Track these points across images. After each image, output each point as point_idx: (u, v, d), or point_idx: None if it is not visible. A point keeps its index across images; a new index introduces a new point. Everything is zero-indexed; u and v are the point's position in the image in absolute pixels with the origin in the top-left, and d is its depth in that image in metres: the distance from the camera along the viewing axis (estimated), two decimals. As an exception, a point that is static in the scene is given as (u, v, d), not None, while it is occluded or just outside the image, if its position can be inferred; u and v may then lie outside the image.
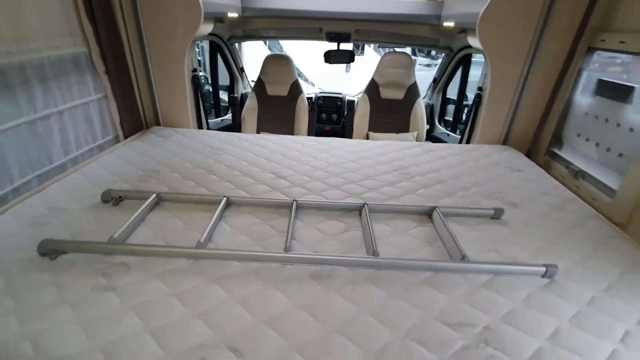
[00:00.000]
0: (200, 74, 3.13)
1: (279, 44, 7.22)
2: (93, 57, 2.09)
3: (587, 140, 1.99)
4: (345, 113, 3.73)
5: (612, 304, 1.08)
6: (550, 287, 1.13)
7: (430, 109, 3.95)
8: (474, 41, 2.54)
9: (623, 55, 1.85)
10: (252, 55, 5.30)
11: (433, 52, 10.98)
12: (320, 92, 4.00)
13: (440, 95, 3.95)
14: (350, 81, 7.35)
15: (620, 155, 1.74)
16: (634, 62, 1.77)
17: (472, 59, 3.50)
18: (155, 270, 1.14)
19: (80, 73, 2.03)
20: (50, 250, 1.17)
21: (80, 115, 2.04)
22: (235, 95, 3.93)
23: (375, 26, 3.44)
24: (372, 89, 3.51)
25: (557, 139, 2.24)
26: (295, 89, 3.52)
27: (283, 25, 3.47)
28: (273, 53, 3.84)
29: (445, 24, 2.88)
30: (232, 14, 2.89)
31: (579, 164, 1.99)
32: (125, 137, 2.37)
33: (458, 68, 3.64)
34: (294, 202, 1.51)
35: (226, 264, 1.17)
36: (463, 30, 3.00)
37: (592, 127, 1.97)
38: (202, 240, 1.24)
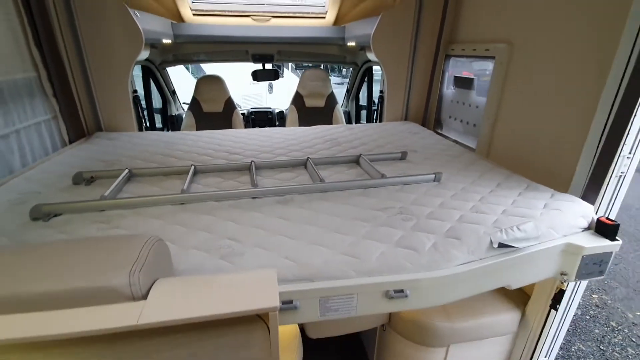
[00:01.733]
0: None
1: (201, 68, 7.49)
2: (42, 81, 2.25)
3: (455, 119, 2.81)
4: (277, 123, 4.25)
5: (474, 189, 1.73)
6: (438, 185, 1.76)
7: (347, 114, 4.70)
8: (371, 55, 3.29)
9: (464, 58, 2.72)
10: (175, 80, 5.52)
11: (344, 72, 12.38)
12: (252, 108, 4.47)
13: (354, 102, 4.73)
14: (269, 101, 7.93)
15: (474, 125, 2.55)
16: (468, 61, 2.64)
17: (373, 73, 4.35)
18: (148, 213, 1.39)
19: (32, 96, 2.17)
20: (42, 214, 1.30)
21: (35, 133, 2.17)
22: (173, 114, 4.16)
23: (294, 47, 4.07)
24: (298, 99, 4.10)
25: (438, 121, 3.06)
26: (230, 105, 3.93)
27: (213, 49, 3.88)
28: (205, 75, 4.20)
29: (349, 43, 3.63)
30: (167, 40, 3.22)
31: (453, 136, 2.79)
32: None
33: (364, 79, 4.46)
34: (252, 162, 1.91)
35: (208, 204, 1.49)
36: (362, 48, 3.79)
37: (456, 109, 2.79)
38: (184, 187, 1.56)
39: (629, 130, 1.42)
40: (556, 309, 1.65)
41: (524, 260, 1.36)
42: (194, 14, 3.49)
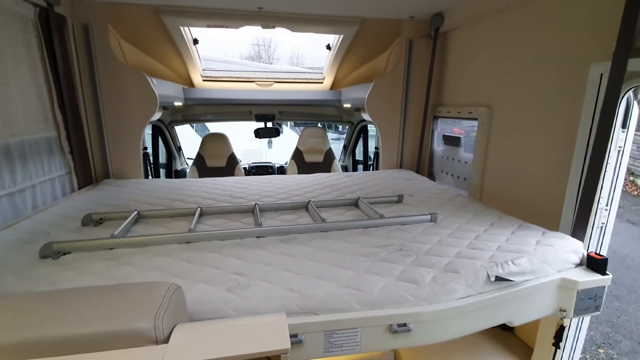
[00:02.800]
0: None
1: (205, 126, 7.89)
2: (61, 139, 2.43)
3: (446, 173, 2.98)
4: (277, 177, 4.42)
5: (469, 228, 1.80)
6: (435, 225, 1.83)
7: (345, 168, 4.91)
8: (365, 116, 3.57)
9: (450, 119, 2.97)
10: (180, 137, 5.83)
11: (340, 128, 13.04)
12: (253, 163, 4.67)
13: (351, 157, 4.98)
14: (268, 157, 8.24)
15: (464, 179, 2.71)
16: (452, 122, 2.89)
17: (368, 129, 4.65)
18: (156, 252, 1.44)
19: (50, 153, 2.33)
20: (52, 252, 1.35)
21: (49, 187, 2.28)
22: (178, 169, 4.33)
23: (294, 108, 4.39)
24: (298, 155, 4.32)
25: (431, 174, 3.23)
26: (232, 160, 4.13)
27: (219, 110, 4.19)
28: (210, 133, 4.47)
29: (345, 105, 3.95)
30: (178, 103, 3.50)
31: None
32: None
33: (360, 136, 4.75)
34: (256, 204, 2.00)
35: (213, 242, 1.55)
36: (358, 109, 4.11)
37: (446, 164, 2.98)
38: (191, 227, 1.63)
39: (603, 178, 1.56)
40: (559, 347, 1.64)
41: (522, 295, 1.39)
42: (203, 80, 3.84)
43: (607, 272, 1.47)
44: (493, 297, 1.32)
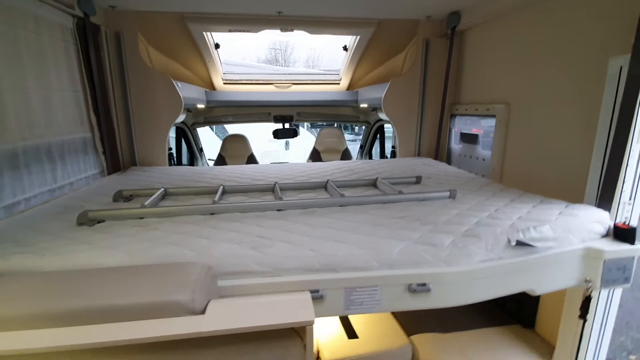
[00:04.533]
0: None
1: (224, 129, 8.11)
2: (95, 140, 2.59)
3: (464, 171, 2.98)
4: (295, 177, 4.51)
5: (489, 203, 1.79)
6: (454, 201, 1.84)
7: (361, 169, 4.95)
8: (382, 115, 3.61)
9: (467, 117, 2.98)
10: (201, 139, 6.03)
11: (356, 129, 13.09)
12: (271, 162, 4.79)
13: (367, 157, 5.01)
14: (286, 157, 8.38)
15: (482, 176, 2.71)
16: (470, 120, 2.89)
17: (385, 130, 4.68)
18: (182, 221, 1.53)
19: (85, 153, 2.49)
20: (88, 219, 1.45)
21: (83, 186, 2.44)
22: (199, 170, 4.50)
23: (312, 109, 4.48)
24: (315, 155, 4.40)
25: (448, 174, 3.23)
26: (252, 160, 4.25)
27: (239, 112, 4.32)
28: (231, 134, 4.61)
29: (362, 105, 4.00)
30: (201, 105, 3.65)
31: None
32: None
33: (376, 136, 4.78)
34: (276, 183, 2.07)
35: (236, 215, 1.62)
36: (375, 109, 4.15)
37: (464, 162, 2.98)
38: (215, 199, 1.71)
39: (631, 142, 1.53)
40: (585, 319, 1.61)
41: (545, 263, 1.39)
42: (224, 83, 3.98)
43: (636, 242, 1.44)
44: (514, 262, 1.33)
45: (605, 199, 1.60)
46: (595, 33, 1.74)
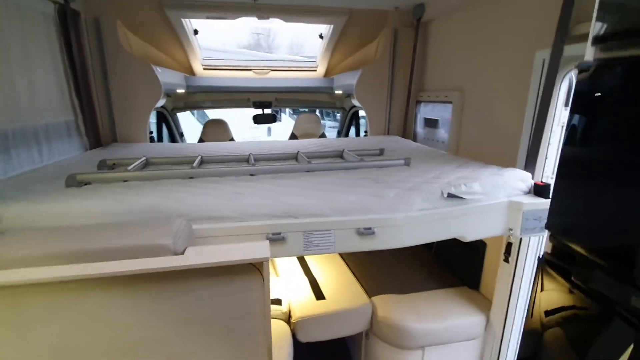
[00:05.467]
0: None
1: (204, 114, 8.15)
2: (78, 123, 2.72)
3: (428, 153, 3.26)
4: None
5: (437, 168, 2.02)
6: (408, 167, 2.06)
7: (338, 153, 5.19)
8: (355, 101, 3.83)
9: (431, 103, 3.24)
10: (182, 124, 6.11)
11: (337, 117, 13.31)
12: (251, 145, 4.95)
13: (344, 142, 5.25)
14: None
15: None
16: (433, 105, 3.15)
17: (360, 116, 4.91)
18: (164, 183, 1.70)
19: (70, 135, 2.62)
20: (76, 182, 1.60)
21: (69, 166, 2.58)
22: (179, 154, 4.63)
23: (290, 95, 4.65)
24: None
25: (414, 156, 3.51)
26: (232, 144, 4.41)
27: (219, 97, 4.44)
28: (211, 119, 4.73)
29: (337, 92, 4.20)
30: (180, 90, 3.77)
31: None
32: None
33: (352, 121, 5.01)
34: (250, 154, 2.28)
35: (213, 179, 1.78)
36: (349, 95, 4.36)
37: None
38: (194, 166, 1.90)
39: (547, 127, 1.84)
40: (507, 261, 1.93)
41: (474, 213, 1.67)
42: (204, 69, 4.09)
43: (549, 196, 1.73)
44: (446, 210, 1.60)
45: (530, 163, 1.90)
46: (526, 28, 2.00)
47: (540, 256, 1.97)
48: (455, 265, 2.68)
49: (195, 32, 3.63)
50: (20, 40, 2.12)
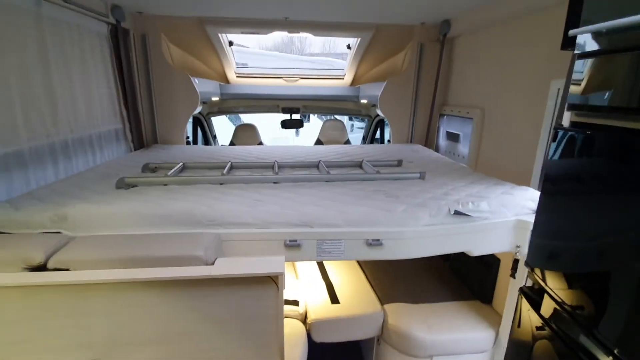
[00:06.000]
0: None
1: (238, 117, 8.51)
2: (126, 131, 3.03)
3: (448, 166, 3.31)
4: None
5: (451, 184, 2.10)
6: (423, 181, 2.16)
7: (362, 159, 5.30)
8: (379, 112, 3.93)
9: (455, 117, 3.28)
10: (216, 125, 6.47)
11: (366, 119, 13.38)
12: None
13: (369, 148, 5.35)
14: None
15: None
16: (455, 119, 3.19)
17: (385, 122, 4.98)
18: (197, 187, 1.94)
19: (117, 141, 2.94)
20: (124, 184, 1.88)
21: (117, 169, 2.90)
22: (212, 156, 4.95)
23: (317, 102, 4.81)
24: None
25: (435, 168, 3.56)
26: (260, 148, 4.65)
27: (250, 103, 4.70)
28: (242, 123, 5.01)
29: (362, 101, 4.31)
30: (215, 98, 4.05)
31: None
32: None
33: (377, 128, 5.10)
34: (275, 162, 2.48)
35: (240, 185, 2.00)
36: (374, 104, 4.46)
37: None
38: (224, 172, 2.14)
39: None
40: (514, 277, 1.97)
41: (481, 230, 1.74)
42: (237, 77, 4.35)
43: None
44: (453, 226, 1.69)
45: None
46: (543, 57, 2.04)
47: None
48: (469, 279, 2.73)
49: (231, 43, 3.88)
50: (79, 58, 2.43)
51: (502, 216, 1.80)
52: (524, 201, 1.86)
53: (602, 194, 1.14)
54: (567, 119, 1.29)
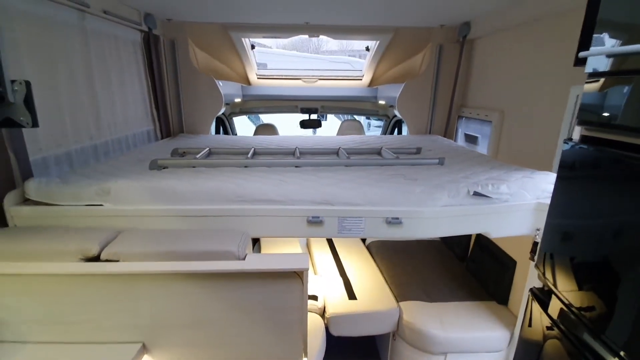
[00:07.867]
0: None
1: (258, 116, 8.71)
2: (157, 131, 3.23)
3: (466, 167, 3.34)
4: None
5: (470, 169, 2.12)
6: (441, 167, 2.19)
7: (380, 158, 5.36)
8: (397, 112, 3.98)
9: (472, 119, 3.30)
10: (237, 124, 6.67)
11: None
12: (298, 149, 5.30)
13: (386, 148, 5.40)
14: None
15: (479, 173, 3.07)
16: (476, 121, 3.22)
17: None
18: (223, 170, 2.04)
19: (149, 141, 3.13)
20: (157, 166, 2.02)
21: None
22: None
23: (335, 103, 4.90)
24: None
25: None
26: (280, 147, 4.79)
27: (271, 104, 4.84)
28: (262, 124, 5.16)
29: (380, 102, 4.37)
30: (237, 99, 4.21)
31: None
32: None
33: (394, 128, 5.14)
34: (296, 148, 2.60)
35: (262, 169, 2.09)
36: (392, 105, 4.51)
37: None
38: (248, 156, 2.27)
39: None
40: (533, 259, 1.91)
41: (500, 211, 1.75)
42: (258, 78, 4.49)
43: None
44: (471, 207, 1.71)
45: None
46: (563, 63, 2.05)
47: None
48: (486, 280, 2.78)
49: (252, 47, 4.02)
50: (117, 66, 2.62)
51: (522, 199, 1.79)
52: (544, 184, 1.84)
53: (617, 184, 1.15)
54: (577, 132, 1.33)
